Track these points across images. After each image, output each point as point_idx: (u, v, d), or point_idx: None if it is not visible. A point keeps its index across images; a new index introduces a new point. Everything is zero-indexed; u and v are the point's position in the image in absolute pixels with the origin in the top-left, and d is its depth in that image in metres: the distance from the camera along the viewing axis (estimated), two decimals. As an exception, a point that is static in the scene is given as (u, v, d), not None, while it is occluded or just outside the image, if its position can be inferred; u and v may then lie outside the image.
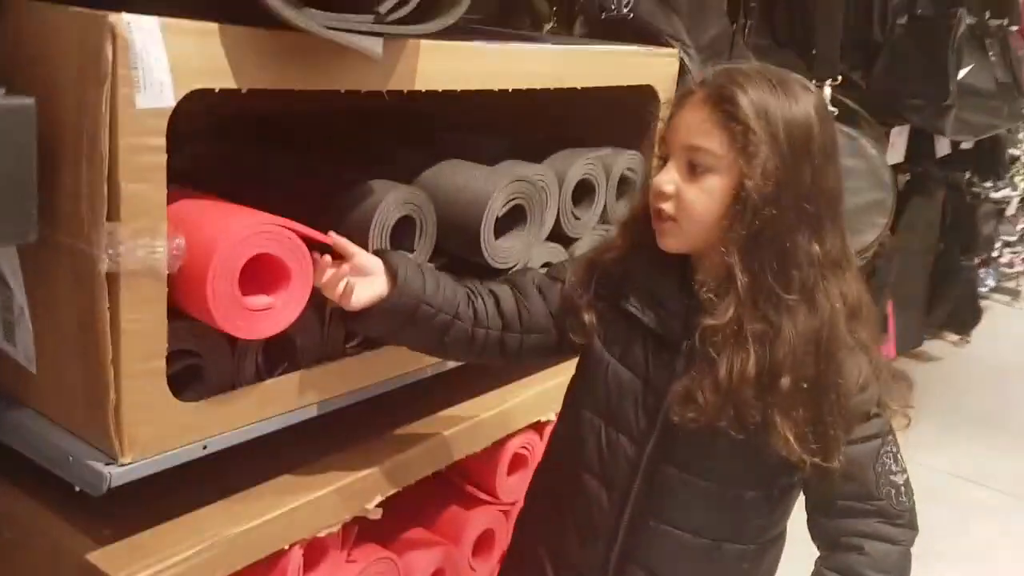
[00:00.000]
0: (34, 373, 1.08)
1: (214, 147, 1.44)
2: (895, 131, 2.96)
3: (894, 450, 1.09)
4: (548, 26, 1.98)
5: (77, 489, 1.03)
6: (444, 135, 1.62)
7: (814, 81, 2.34)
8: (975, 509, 3.01)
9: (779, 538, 1.17)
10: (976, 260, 3.85)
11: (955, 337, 4.38)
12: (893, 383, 1.10)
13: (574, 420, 1.19)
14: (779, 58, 3.18)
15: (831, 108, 2.29)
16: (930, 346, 4.31)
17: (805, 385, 1.00)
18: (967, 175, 3.81)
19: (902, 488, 1.09)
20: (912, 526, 1.11)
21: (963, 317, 3.86)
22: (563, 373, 1.26)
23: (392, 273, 1.10)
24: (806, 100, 1.00)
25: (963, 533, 2.86)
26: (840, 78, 2.32)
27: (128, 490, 1.03)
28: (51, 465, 1.05)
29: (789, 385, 0.99)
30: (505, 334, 1.18)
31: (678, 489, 1.09)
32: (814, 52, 2.54)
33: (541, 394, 1.56)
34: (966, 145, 3.64)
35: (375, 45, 1.00)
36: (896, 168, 3.19)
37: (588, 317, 1.14)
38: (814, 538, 1.15)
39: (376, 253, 1.13)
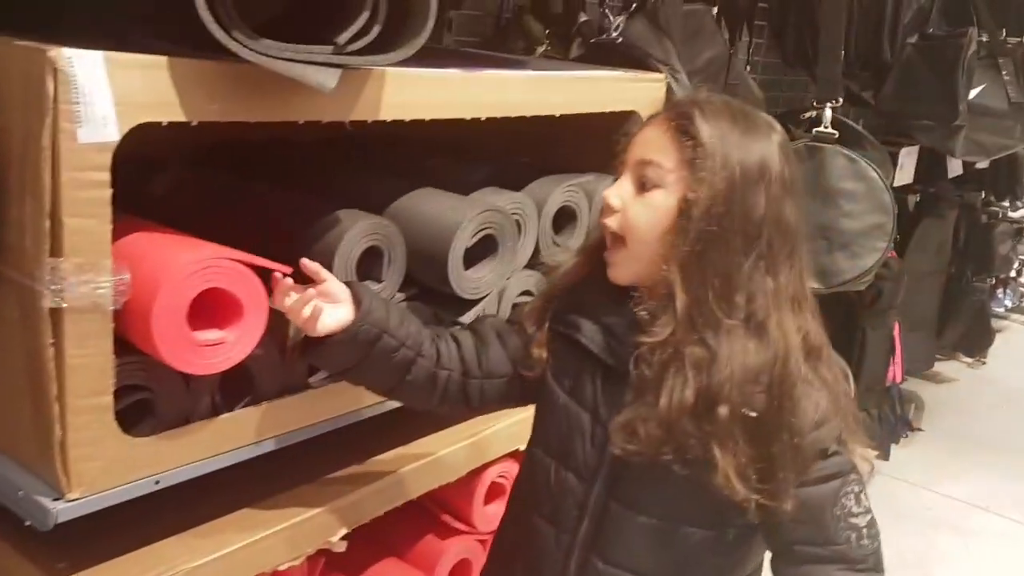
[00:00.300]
0: (-11, 404, 1.07)
1: (192, 173, 1.43)
2: (904, 152, 2.92)
3: (856, 490, 1.03)
4: (541, 49, 1.96)
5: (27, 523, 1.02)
6: (426, 161, 1.60)
7: (815, 102, 2.32)
8: (983, 536, 2.95)
9: None
10: (992, 281, 3.78)
11: (970, 359, 4.30)
12: (856, 425, 1.05)
13: (528, 460, 1.17)
14: (790, 77, 3.16)
15: (831, 130, 2.27)
16: (944, 368, 4.24)
17: (754, 415, 0.96)
18: (982, 195, 3.76)
19: (864, 531, 1.03)
20: (876, 569, 1.05)
21: (975, 339, 3.79)
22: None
23: (357, 302, 1.07)
24: (767, 136, 1.00)
25: (971, 561, 2.80)
26: (841, 100, 2.28)
27: (85, 522, 1.02)
28: (1, 498, 1.04)
29: (727, 415, 0.95)
30: (466, 379, 1.15)
31: (626, 528, 1.06)
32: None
33: (519, 423, 1.53)
34: (981, 165, 3.59)
35: (328, 78, 0.98)
36: (907, 189, 3.16)
37: (538, 351, 1.11)
38: None
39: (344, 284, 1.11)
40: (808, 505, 1.00)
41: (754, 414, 0.96)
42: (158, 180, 1.39)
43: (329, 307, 1.05)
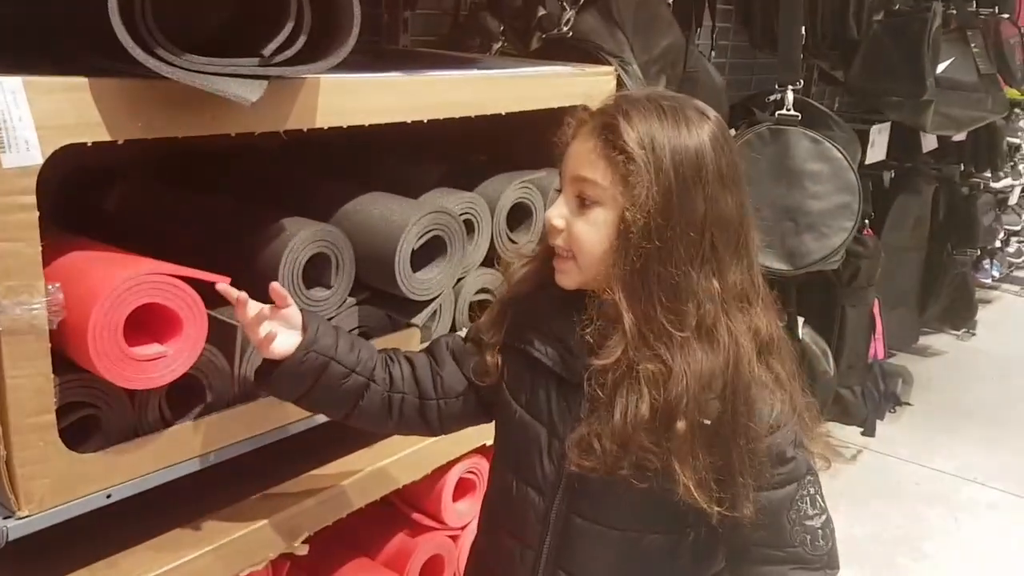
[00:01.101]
0: (-60, 426, 1.08)
1: (142, 187, 1.44)
2: (875, 129, 2.92)
3: (811, 492, 1.03)
4: (497, 46, 1.96)
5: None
6: (382, 163, 1.61)
7: (777, 85, 2.33)
8: (974, 509, 2.96)
9: None
10: (973, 253, 3.78)
11: (956, 332, 4.31)
12: (813, 422, 1.05)
13: (493, 476, 1.17)
14: (759, 60, 3.17)
15: (793, 112, 2.28)
16: (934, 340, 4.26)
17: (708, 422, 0.95)
18: (961, 167, 3.76)
19: (819, 531, 1.03)
20: (831, 566, 1.05)
21: (958, 312, 3.80)
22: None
23: (303, 328, 1.07)
24: (700, 128, 0.96)
25: (959, 534, 2.82)
26: (801, 83, 2.29)
27: (42, 538, 1.04)
28: (-45, 518, 1.06)
29: (685, 429, 0.94)
30: (423, 401, 1.15)
31: (590, 541, 1.05)
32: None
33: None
34: (959, 137, 3.59)
35: (250, 90, 0.99)
36: (881, 165, 3.16)
37: (491, 360, 1.10)
38: None
39: None
40: (765, 509, 1.00)
41: (708, 422, 0.95)
42: (110, 195, 1.40)
43: (284, 331, 1.06)
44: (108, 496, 1.08)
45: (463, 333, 1.26)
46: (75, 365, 1.03)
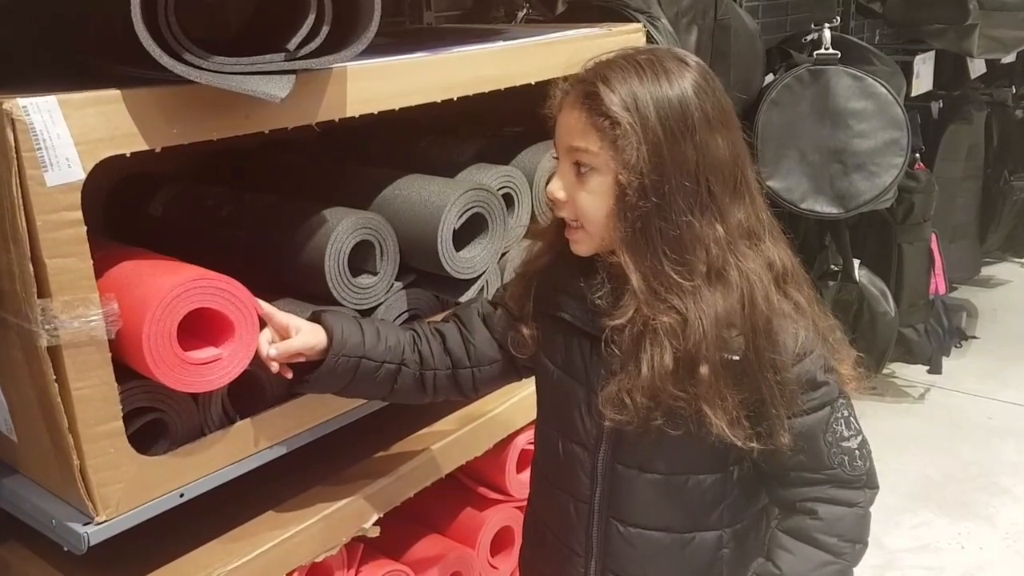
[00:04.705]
0: (16, 441, 1.12)
1: (185, 189, 1.46)
2: (919, 59, 2.84)
3: (845, 414, 1.05)
4: (522, 13, 1.94)
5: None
6: (419, 143, 1.61)
7: (812, 24, 2.28)
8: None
9: (761, 517, 1.14)
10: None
11: (1021, 259, 4.19)
12: (839, 344, 1.07)
13: (539, 436, 1.21)
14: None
15: (832, 51, 2.23)
16: (997, 270, 4.15)
17: (736, 358, 0.98)
18: (1013, 90, 3.63)
19: (856, 452, 1.05)
20: (870, 485, 1.07)
21: (1020, 239, 3.69)
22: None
23: (329, 334, 1.11)
24: (680, 77, 0.97)
25: (1033, 467, 2.75)
26: (838, 20, 2.23)
27: (122, 539, 1.07)
28: (39, 527, 1.10)
29: (708, 373, 0.97)
30: (456, 371, 1.19)
31: (638, 489, 1.08)
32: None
33: (539, 391, 1.55)
34: (1008, 59, 3.47)
35: (278, 87, 0.99)
36: (928, 96, 3.07)
37: (528, 331, 1.14)
38: (771, 502, 1.13)
39: (313, 315, 1.14)
40: (801, 435, 1.02)
41: (736, 357, 0.98)
42: (156, 200, 1.43)
43: (293, 341, 1.10)
44: (181, 495, 1.11)
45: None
46: (134, 372, 1.06)
